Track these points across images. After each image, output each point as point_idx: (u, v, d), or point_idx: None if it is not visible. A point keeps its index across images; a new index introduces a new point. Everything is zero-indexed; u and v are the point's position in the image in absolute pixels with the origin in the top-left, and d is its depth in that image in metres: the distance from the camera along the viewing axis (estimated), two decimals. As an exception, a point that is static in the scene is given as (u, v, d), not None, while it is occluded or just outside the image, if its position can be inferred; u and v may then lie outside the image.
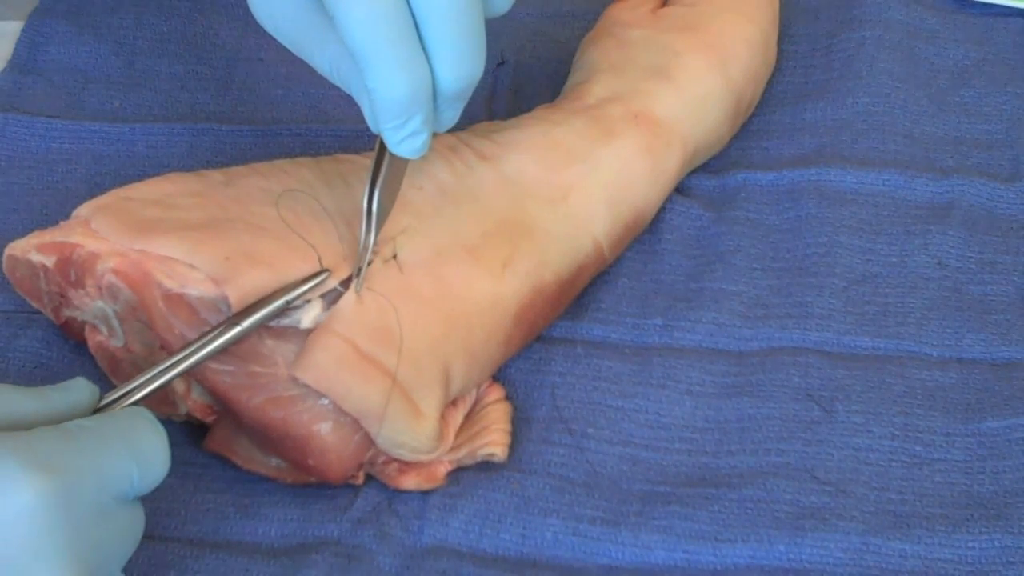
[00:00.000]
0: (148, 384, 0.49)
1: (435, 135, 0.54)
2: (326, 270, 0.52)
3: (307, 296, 0.52)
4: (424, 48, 0.47)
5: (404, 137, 0.49)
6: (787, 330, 0.59)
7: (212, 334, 0.50)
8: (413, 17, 0.47)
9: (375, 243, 0.53)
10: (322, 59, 0.50)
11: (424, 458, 0.53)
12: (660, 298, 0.61)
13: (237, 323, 0.50)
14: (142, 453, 0.45)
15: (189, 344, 0.50)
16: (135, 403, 0.48)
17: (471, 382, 0.55)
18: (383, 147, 0.51)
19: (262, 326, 0.51)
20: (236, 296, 0.51)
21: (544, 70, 0.70)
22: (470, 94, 0.50)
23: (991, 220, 0.63)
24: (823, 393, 0.57)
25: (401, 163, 0.52)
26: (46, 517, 0.42)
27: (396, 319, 0.52)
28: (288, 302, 0.51)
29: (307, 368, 0.51)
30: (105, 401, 0.48)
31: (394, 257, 0.54)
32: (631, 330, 0.59)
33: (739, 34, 0.64)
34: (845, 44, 0.70)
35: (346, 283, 0.53)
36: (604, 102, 0.61)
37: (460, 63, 0.48)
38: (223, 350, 0.50)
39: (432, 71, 0.48)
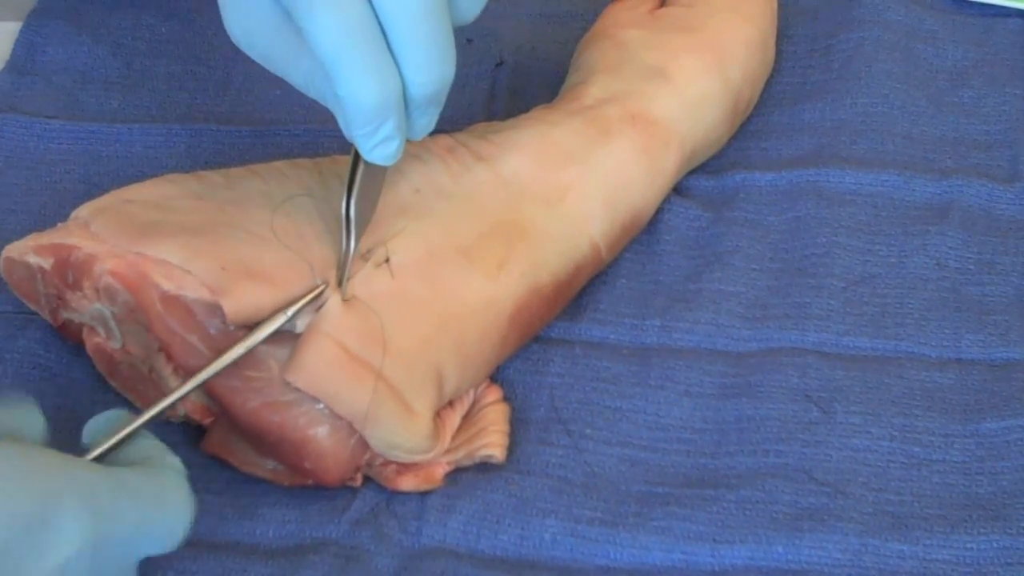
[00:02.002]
0: (159, 409, 0.49)
1: (432, 136, 0.54)
2: (324, 283, 0.52)
3: (306, 310, 0.52)
4: (393, 55, 0.47)
5: (376, 144, 0.49)
6: (786, 331, 0.59)
7: (217, 356, 0.50)
8: (380, 25, 0.47)
9: (357, 248, 0.52)
10: (296, 73, 0.50)
11: (419, 458, 0.53)
12: (658, 299, 0.60)
13: (239, 343, 0.50)
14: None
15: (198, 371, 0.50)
16: (144, 424, 0.48)
17: (466, 383, 0.55)
18: (358, 154, 0.51)
19: None
20: (231, 308, 0.51)
21: (542, 71, 0.70)
22: (443, 100, 0.50)
23: (990, 221, 0.63)
24: (821, 394, 0.57)
25: (379, 169, 0.52)
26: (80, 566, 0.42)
27: (380, 325, 0.52)
28: (289, 318, 0.51)
29: (298, 371, 0.51)
30: (117, 437, 0.47)
31: (387, 261, 0.54)
32: (629, 331, 0.59)
33: (737, 35, 0.64)
34: (844, 45, 0.70)
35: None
36: (601, 103, 0.61)
37: (429, 68, 0.48)
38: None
39: (402, 77, 0.48)
